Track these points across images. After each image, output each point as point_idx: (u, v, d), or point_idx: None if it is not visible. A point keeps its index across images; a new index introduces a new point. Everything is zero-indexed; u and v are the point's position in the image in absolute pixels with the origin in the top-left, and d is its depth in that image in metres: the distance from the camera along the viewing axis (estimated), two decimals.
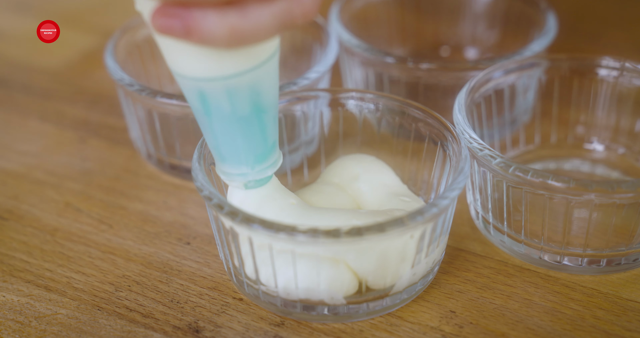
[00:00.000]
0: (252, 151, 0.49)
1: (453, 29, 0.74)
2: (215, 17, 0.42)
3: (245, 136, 0.48)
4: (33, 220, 0.59)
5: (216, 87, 0.46)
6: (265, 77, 0.47)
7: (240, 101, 0.47)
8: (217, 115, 0.47)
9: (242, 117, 0.48)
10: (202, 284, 0.54)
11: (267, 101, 0.48)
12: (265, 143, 0.49)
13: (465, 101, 0.56)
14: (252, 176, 0.50)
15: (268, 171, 0.51)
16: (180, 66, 0.46)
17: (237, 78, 0.46)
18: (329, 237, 0.46)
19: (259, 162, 0.50)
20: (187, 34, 0.42)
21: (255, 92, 0.47)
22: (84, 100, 0.71)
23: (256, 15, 0.42)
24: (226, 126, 0.48)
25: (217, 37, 0.42)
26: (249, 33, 0.42)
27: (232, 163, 0.50)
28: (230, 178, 0.51)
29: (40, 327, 0.51)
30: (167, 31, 0.42)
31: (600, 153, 0.62)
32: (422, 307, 0.52)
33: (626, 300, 0.52)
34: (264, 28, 0.42)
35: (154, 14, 0.42)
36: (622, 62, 0.60)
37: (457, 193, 0.49)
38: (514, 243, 0.55)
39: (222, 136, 0.49)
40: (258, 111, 0.48)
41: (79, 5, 0.85)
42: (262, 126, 0.49)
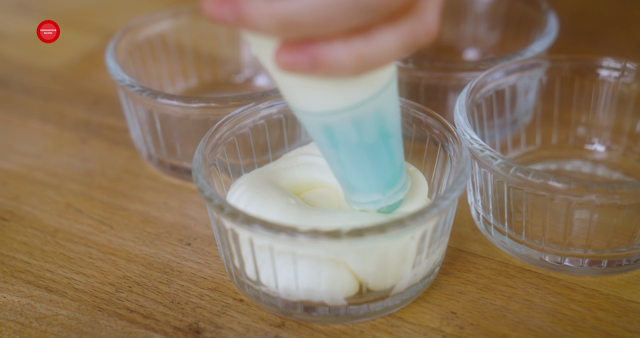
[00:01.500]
0: (382, 177, 0.49)
1: (454, 29, 0.74)
2: (341, 46, 0.41)
3: (374, 163, 0.48)
4: (34, 221, 0.59)
5: (342, 119, 0.45)
6: (388, 101, 0.46)
7: (366, 128, 0.46)
8: (344, 146, 0.47)
9: (370, 144, 0.47)
10: (202, 285, 0.54)
11: (392, 125, 0.47)
12: (393, 167, 0.49)
13: (466, 101, 0.56)
14: (385, 202, 0.50)
15: (400, 194, 0.50)
16: (304, 103, 0.45)
17: (362, 107, 0.45)
18: (330, 238, 0.46)
19: (389, 187, 0.50)
20: (314, 68, 0.41)
21: (380, 117, 0.46)
22: (85, 101, 0.71)
23: (381, 40, 0.41)
24: (354, 155, 0.48)
25: (344, 66, 0.41)
26: (375, 59, 0.42)
27: (364, 191, 0.50)
28: (363, 207, 0.50)
29: (41, 327, 0.51)
30: (293, 68, 0.42)
31: (601, 153, 0.62)
32: (422, 308, 0.52)
33: (627, 301, 0.52)
34: (390, 52, 0.42)
35: (278, 52, 0.41)
36: (623, 63, 0.60)
37: (457, 193, 0.49)
38: (515, 244, 0.55)
39: (351, 166, 0.48)
40: (384, 136, 0.47)
41: (79, 6, 0.85)
42: (389, 151, 0.48)
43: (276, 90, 0.58)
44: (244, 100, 0.57)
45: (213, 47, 0.71)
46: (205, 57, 0.71)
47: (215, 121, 0.58)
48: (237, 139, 0.55)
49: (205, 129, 0.58)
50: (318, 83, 0.44)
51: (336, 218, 0.50)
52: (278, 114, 0.57)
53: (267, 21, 0.39)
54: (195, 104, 0.58)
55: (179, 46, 0.69)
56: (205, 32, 0.70)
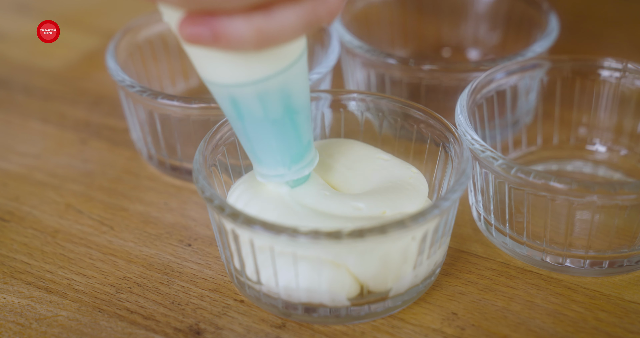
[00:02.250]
0: (287, 152, 0.50)
1: (455, 30, 0.74)
2: (242, 21, 0.42)
3: (279, 137, 0.49)
4: (34, 222, 0.59)
5: (247, 93, 0.46)
6: (295, 79, 0.47)
7: (271, 104, 0.47)
8: (250, 119, 0.48)
9: (275, 119, 0.48)
10: (203, 286, 0.54)
11: (299, 102, 0.48)
12: (299, 143, 0.50)
13: (467, 102, 0.56)
14: (290, 176, 0.51)
15: (305, 170, 0.51)
16: (210, 73, 0.46)
17: (266, 82, 0.46)
18: (331, 239, 0.46)
19: (295, 162, 0.51)
20: (215, 41, 0.43)
21: (286, 94, 0.47)
22: (85, 101, 0.71)
23: (281, 17, 0.42)
24: (260, 129, 0.49)
25: (245, 40, 0.43)
26: (275, 34, 0.43)
27: (269, 164, 0.51)
28: (268, 179, 0.51)
29: (41, 328, 0.51)
30: (195, 40, 0.43)
31: (603, 154, 0.62)
32: (423, 309, 0.52)
33: (629, 301, 0.52)
34: (290, 28, 0.43)
35: (181, 24, 0.43)
36: (624, 63, 0.60)
37: (459, 194, 0.49)
38: (516, 244, 0.55)
39: (256, 139, 0.49)
40: (290, 113, 0.48)
41: (79, 6, 0.85)
42: (295, 127, 0.49)
43: None
44: None
45: None
46: None
47: (215, 121, 0.58)
48: (237, 140, 0.55)
49: (206, 130, 0.58)
50: (223, 56, 0.45)
51: (337, 218, 0.50)
52: None
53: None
54: (196, 105, 0.58)
55: (179, 46, 0.69)
56: None
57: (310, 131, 0.50)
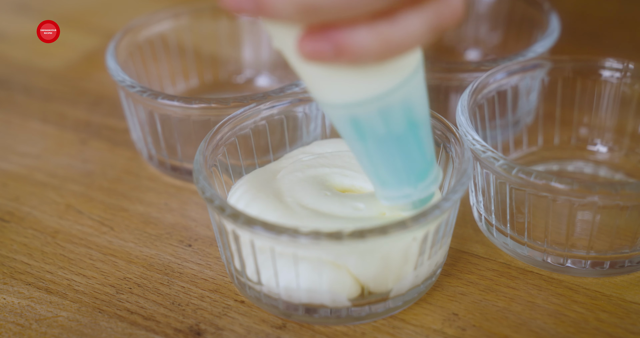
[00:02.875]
0: (412, 170, 0.48)
1: (456, 30, 0.73)
2: (366, 31, 0.40)
3: (403, 155, 0.47)
4: (34, 222, 0.59)
5: (369, 110, 0.44)
6: (415, 90, 0.45)
7: (394, 119, 0.45)
8: (372, 139, 0.46)
9: (398, 136, 0.46)
10: (203, 286, 0.54)
11: (420, 114, 0.46)
12: (424, 159, 0.48)
13: (468, 102, 0.56)
14: (417, 195, 0.49)
15: (432, 187, 0.49)
16: (329, 95, 0.44)
17: (389, 96, 0.44)
18: (331, 239, 0.46)
19: (420, 179, 0.48)
20: (338, 55, 0.41)
21: (408, 107, 0.45)
22: (85, 101, 0.71)
23: (406, 23, 0.41)
24: (383, 148, 0.46)
25: (369, 51, 0.41)
26: (401, 43, 0.41)
27: (394, 185, 0.48)
28: (394, 202, 0.49)
29: (41, 329, 0.51)
30: (317, 56, 0.41)
31: (604, 154, 0.62)
32: (424, 310, 0.52)
33: (630, 302, 0.52)
34: (416, 35, 0.41)
35: (301, 41, 0.41)
36: (625, 64, 0.60)
37: (460, 194, 0.49)
38: (517, 245, 0.55)
39: (380, 159, 0.47)
40: (413, 127, 0.46)
41: (80, 6, 0.85)
42: (418, 142, 0.47)
43: (277, 91, 0.58)
44: (245, 101, 0.57)
45: (214, 48, 0.71)
46: (206, 57, 0.71)
47: (216, 121, 0.57)
48: (238, 140, 0.55)
49: (206, 130, 0.58)
50: (343, 72, 0.43)
51: (337, 218, 0.50)
52: (279, 115, 0.57)
53: (288, 6, 0.39)
54: (196, 105, 0.58)
55: (179, 47, 0.69)
56: (206, 32, 0.70)
57: (432, 146, 0.48)
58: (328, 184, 0.53)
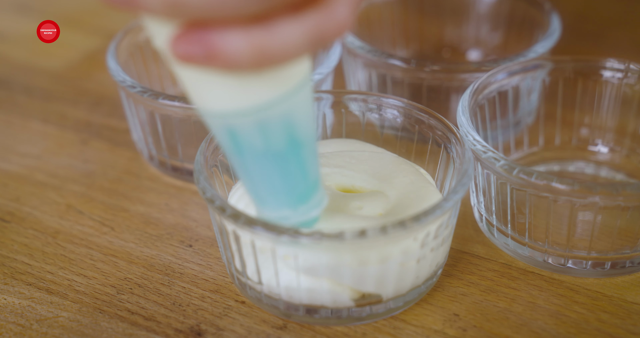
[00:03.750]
0: (292, 191, 0.46)
1: (456, 30, 0.74)
2: (239, 36, 0.38)
3: (282, 174, 0.45)
4: (34, 222, 0.59)
5: (246, 123, 0.42)
6: (299, 106, 0.43)
7: (273, 135, 0.43)
8: (250, 153, 0.44)
9: (277, 153, 0.44)
10: (204, 287, 0.54)
11: (304, 133, 0.44)
12: (305, 181, 0.45)
13: (468, 102, 0.56)
14: (296, 219, 0.47)
15: (313, 212, 0.47)
16: (206, 102, 0.42)
17: (268, 110, 0.42)
18: (332, 240, 0.46)
19: (301, 202, 0.46)
20: (209, 59, 0.38)
21: (289, 124, 0.43)
22: (86, 102, 0.71)
23: (284, 32, 0.38)
24: (261, 165, 0.44)
25: (242, 58, 0.38)
26: (276, 52, 0.38)
27: (272, 205, 0.46)
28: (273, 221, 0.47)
29: (42, 330, 0.51)
30: (188, 59, 0.38)
31: (605, 155, 0.62)
32: (425, 310, 0.52)
33: (631, 303, 0.52)
34: (293, 46, 0.39)
35: (173, 42, 0.38)
36: (627, 64, 0.60)
37: (460, 195, 0.49)
38: (518, 245, 0.55)
39: (258, 176, 0.45)
40: (294, 146, 0.44)
41: (80, 6, 0.85)
42: (300, 162, 0.45)
43: None
44: None
45: None
46: None
47: None
48: None
49: (207, 131, 0.58)
50: (219, 79, 0.40)
51: (337, 218, 0.50)
52: None
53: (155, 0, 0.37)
54: None
55: None
56: None
57: (317, 167, 0.46)
58: (328, 184, 0.53)
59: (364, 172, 0.53)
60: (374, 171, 0.54)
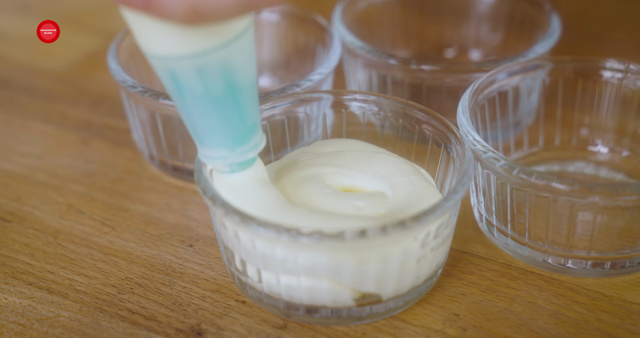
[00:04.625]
0: (229, 133, 0.49)
1: (457, 30, 0.74)
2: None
3: (220, 117, 0.48)
4: (35, 222, 0.59)
5: (186, 67, 0.45)
6: (238, 56, 0.46)
7: (212, 80, 0.46)
8: (189, 95, 0.47)
9: (216, 97, 0.47)
10: (204, 286, 0.54)
11: (242, 80, 0.47)
12: (243, 124, 0.49)
13: (468, 103, 0.56)
14: (233, 159, 0.50)
15: (249, 153, 0.50)
16: (148, 44, 0.45)
17: (205, 56, 0.45)
18: (333, 240, 0.46)
19: (238, 144, 0.49)
20: (146, 6, 0.41)
21: (228, 71, 0.46)
22: (87, 102, 0.71)
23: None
24: (200, 107, 0.47)
25: (176, 12, 0.41)
26: (208, 11, 0.41)
27: (211, 145, 0.49)
28: (211, 161, 0.50)
29: (43, 329, 0.51)
30: (128, 3, 0.42)
31: (605, 155, 0.62)
32: (425, 310, 0.52)
33: (630, 303, 0.52)
34: (225, 7, 0.41)
35: None
36: (627, 64, 0.60)
37: (460, 195, 0.49)
38: (518, 245, 0.55)
39: (197, 117, 0.48)
40: (233, 91, 0.47)
41: (81, 6, 0.85)
42: (237, 107, 0.48)
43: (278, 91, 0.58)
44: None
45: None
46: None
47: None
48: None
49: None
50: (161, 25, 0.43)
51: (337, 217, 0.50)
52: (280, 116, 0.57)
53: None
54: None
55: None
56: None
57: (256, 112, 0.49)
58: (329, 183, 0.53)
59: (364, 172, 0.54)
60: (374, 171, 0.54)
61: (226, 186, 0.51)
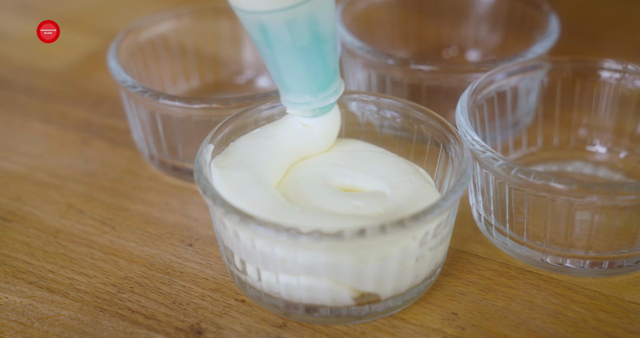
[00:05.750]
0: (314, 80, 0.52)
1: (455, 31, 0.74)
2: None
3: (306, 65, 0.51)
4: (36, 222, 0.59)
5: (275, 19, 0.49)
6: (322, 7, 0.49)
7: (299, 31, 0.50)
8: (278, 46, 0.50)
9: (303, 47, 0.50)
10: (204, 286, 0.54)
11: (326, 30, 0.50)
12: (326, 71, 0.52)
13: (467, 103, 0.56)
14: (316, 104, 0.53)
15: (331, 98, 0.53)
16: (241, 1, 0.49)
17: (295, 9, 0.48)
18: (332, 239, 0.46)
19: (321, 90, 0.53)
20: None
21: (314, 22, 0.49)
22: (87, 102, 0.71)
23: None
24: (288, 56, 0.51)
25: None
26: None
27: (296, 92, 0.53)
28: (296, 107, 0.53)
29: (43, 328, 0.51)
30: None
31: (603, 155, 0.62)
32: (424, 309, 0.52)
33: (628, 302, 0.52)
34: None
35: None
36: (625, 65, 0.60)
37: (459, 194, 0.49)
38: (516, 245, 0.55)
39: (284, 66, 0.51)
40: (317, 41, 0.50)
41: (81, 6, 0.85)
42: (322, 55, 0.51)
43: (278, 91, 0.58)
44: (246, 101, 0.58)
45: (215, 48, 0.71)
46: (207, 58, 0.71)
47: (217, 122, 0.58)
48: None
49: (207, 130, 0.58)
50: None
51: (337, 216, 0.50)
52: (280, 115, 0.57)
53: None
54: (197, 105, 0.58)
55: (180, 47, 0.70)
56: (207, 33, 0.70)
57: (336, 60, 0.53)
58: (328, 183, 0.53)
59: (363, 172, 0.54)
60: (373, 170, 0.54)
61: (226, 185, 0.51)
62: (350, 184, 0.54)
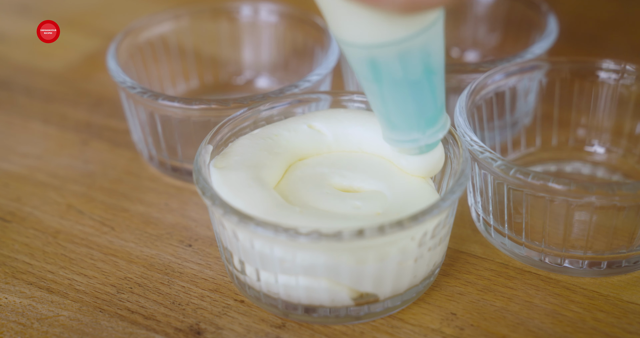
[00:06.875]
0: (423, 115, 0.50)
1: (454, 31, 0.74)
2: None
3: (416, 99, 0.49)
4: (35, 222, 0.59)
5: (388, 53, 0.46)
6: (435, 38, 0.47)
7: (412, 64, 0.47)
8: (388, 81, 0.48)
9: (414, 80, 0.48)
10: (203, 286, 0.54)
11: (437, 62, 0.48)
12: (435, 105, 0.50)
13: (466, 103, 0.56)
14: (424, 141, 0.51)
15: (439, 134, 0.51)
16: (351, 33, 0.46)
17: (409, 42, 0.46)
18: (331, 239, 0.46)
19: (429, 126, 0.50)
20: None
21: (426, 53, 0.47)
22: (86, 102, 0.71)
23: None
24: (397, 91, 0.48)
25: (395, 3, 0.43)
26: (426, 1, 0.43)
27: (403, 129, 0.50)
28: (401, 144, 0.51)
29: (42, 328, 0.51)
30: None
31: (601, 155, 0.62)
32: (423, 309, 0.52)
33: (627, 302, 0.53)
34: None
35: None
36: (623, 65, 0.60)
37: (458, 195, 0.49)
38: (515, 245, 0.55)
39: (393, 102, 0.49)
40: (429, 73, 0.48)
41: (81, 7, 0.85)
42: (432, 88, 0.49)
43: (277, 92, 0.58)
44: (245, 102, 0.58)
45: (214, 49, 0.71)
46: (206, 58, 0.71)
47: (216, 122, 0.58)
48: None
49: (206, 131, 0.58)
50: (367, 13, 0.44)
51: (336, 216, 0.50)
52: (279, 116, 0.57)
53: None
54: (196, 106, 0.58)
55: (180, 48, 0.70)
56: (206, 33, 0.70)
57: (443, 94, 0.50)
58: (327, 183, 0.53)
59: (362, 172, 0.54)
60: (372, 171, 0.54)
61: (224, 186, 0.51)
62: (349, 184, 0.54)
